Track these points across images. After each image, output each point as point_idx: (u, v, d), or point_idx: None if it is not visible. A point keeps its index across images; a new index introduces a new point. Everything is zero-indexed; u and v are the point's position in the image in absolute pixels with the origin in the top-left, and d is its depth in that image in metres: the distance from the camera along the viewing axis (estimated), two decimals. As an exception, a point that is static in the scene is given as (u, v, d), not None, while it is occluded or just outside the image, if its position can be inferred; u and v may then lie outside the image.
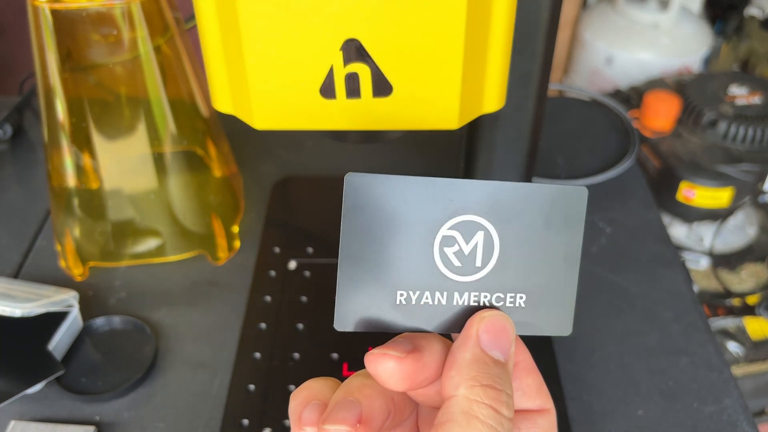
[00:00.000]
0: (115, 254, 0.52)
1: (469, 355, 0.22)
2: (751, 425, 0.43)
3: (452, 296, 0.23)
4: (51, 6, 0.42)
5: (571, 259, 0.24)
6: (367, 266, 0.22)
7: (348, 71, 0.29)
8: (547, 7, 0.35)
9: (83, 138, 0.47)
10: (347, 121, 0.31)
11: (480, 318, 0.22)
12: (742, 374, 0.96)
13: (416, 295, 0.23)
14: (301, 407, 0.23)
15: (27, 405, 0.44)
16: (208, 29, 0.31)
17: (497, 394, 0.21)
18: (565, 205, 0.23)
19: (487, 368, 0.21)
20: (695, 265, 1.05)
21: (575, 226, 0.23)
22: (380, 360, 0.21)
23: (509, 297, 0.23)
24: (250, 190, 0.61)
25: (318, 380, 0.24)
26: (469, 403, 0.21)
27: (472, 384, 0.21)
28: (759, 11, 1.28)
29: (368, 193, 0.22)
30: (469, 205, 0.22)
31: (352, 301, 0.22)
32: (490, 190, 0.22)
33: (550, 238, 0.23)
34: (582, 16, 1.31)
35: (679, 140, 0.98)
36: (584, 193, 0.23)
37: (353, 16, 0.28)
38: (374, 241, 0.22)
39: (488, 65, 0.32)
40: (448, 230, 0.23)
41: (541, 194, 0.23)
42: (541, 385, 0.24)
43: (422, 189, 0.22)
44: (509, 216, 0.23)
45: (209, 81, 0.33)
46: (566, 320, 0.24)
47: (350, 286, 0.22)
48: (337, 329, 0.23)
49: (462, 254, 0.23)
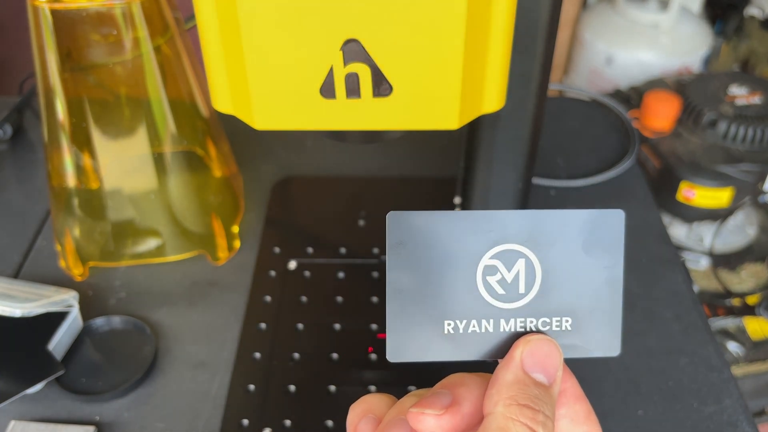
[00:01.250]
0: (115, 254, 0.52)
1: (511, 375, 0.22)
2: (751, 425, 0.43)
3: (498, 323, 0.24)
4: (51, 6, 0.42)
5: (613, 280, 0.24)
6: (413, 299, 0.23)
7: (348, 71, 0.29)
8: (547, 7, 0.35)
9: (83, 138, 0.47)
10: (347, 121, 0.31)
11: (525, 341, 0.23)
12: (742, 374, 0.96)
13: (463, 324, 0.24)
14: (358, 419, 0.24)
15: (27, 405, 0.44)
16: (208, 29, 0.31)
17: (534, 414, 0.21)
18: (602, 229, 0.24)
19: (526, 389, 0.22)
20: (695, 265, 1.05)
21: (615, 248, 0.24)
22: (419, 418, 0.22)
23: (555, 321, 0.24)
24: (250, 190, 0.61)
25: (376, 395, 0.25)
26: (505, 420, 0.21)
27: (509, 402, 0.22)
28: (759, 11, 1.28)
29: (409, 229, 0.23)
30: (508, 235, 0.23)
31: (403, 333, 0.23)
32: (527, 219, 0.23)
33: (590, 261, 0.24)
34: (582, 16, 1.31)
35: (679, 140, 0.98)
36: (621, 216, 0.24)
37: (353, 16, 0.28)
38: (419, 275, 0.23)
39: (488, 65, 0.32)
40: (490, 260, 0.23)
41: (578, 219, 0.24)
42: (589, 413, 0.25)
43: (461, 222, 0.23)
44: (548, 242, 0.23)
45: (209, 81, 0.33)
46: (614, 341, 0.25)
47: (399, 318, 0.23)
48: (390, 361, 0.24)
49: (505, 282, 0.24)
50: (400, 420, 0.23)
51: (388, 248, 0.23)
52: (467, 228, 0.23)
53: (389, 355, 0.23)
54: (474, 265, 0.23)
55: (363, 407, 0.25)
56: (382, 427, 0.23)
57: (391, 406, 0.24)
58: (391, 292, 0.23)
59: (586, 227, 0.24)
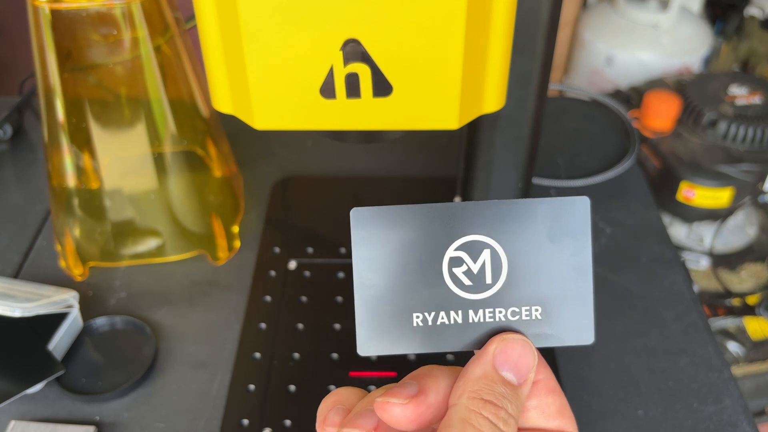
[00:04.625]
0: (115, 254, 0.52)
1: (480, 370, 0.23)
2: (751, 425, 0.43)
3: (467, 315, 0.24)
4: (51, 6, 0.42)
5: (582, 267, 0.24)
6: (381, 293, 0.23)
7: (348, 71, 0.29)
8: (547, 7, 0.35)
9: (83, 138, 0.47)
10: (347, 121, 0.31)
11: (501, 339, 0.23)
12: (742, 374, 0.96)
13: (432, 317, 0.24)
14: (328, 410, 0.25)
15: (27, 405, 0.44)
16: (208, 29, 0.31)
17: (496, 410, 0.22)
18: (567, 216, 0.23)
19: (492, 385, 0.22)
20: (695, 265, 1.05)
21: (582, 234, 0.24)
22: (385, 407, 0.23)
23: (524, 310, 0.24)
24: (250, 190, 0.61)
25: (347, 389, 0.26)
26: (468, 412, 0.22)
27: (473, 396, 0.22)
28: (759, 11, 1.28)
29: (373, 225, 0.23)
30: (473, 226, 0.23)
31: (371, 327, 0.24)
32: (489, 210, 0.23)
33: (557, 249, 0.24)
34: (582, 16, 1.31)
35: (679, 140, 0.98)
36: (586, 202, 0.23)
37: (353, 16, 0.28)
38: (385, 269, 0.23)
39: (488, 65, 0.32)
40: (455, 251, 0.23)
41: (542, 208, 0.23)
42: (563, 407, 0.25)
43: (425, 215, 0.23)
44: (513, 232, 0.23)
45: (209, 81, 0.33)
46: (587, 328, 0.24)
47: (367, 312, 0.24)
48: (360, 354, 0.24)
49: (471, 273, 0.24)
50: (368, 410, 0.23)
51: (353, 244, 0.23)
52: (431, 221, 0.23)
53: (359, 348, 0.24)
54: (440, 257, 0.23)
55: (333, 399, 0.25)
56: (350, 417, 0.23)
57: (361, 398, 0.25)
58: (358, 287, 0.23)
59: (550, 215, 0.23)
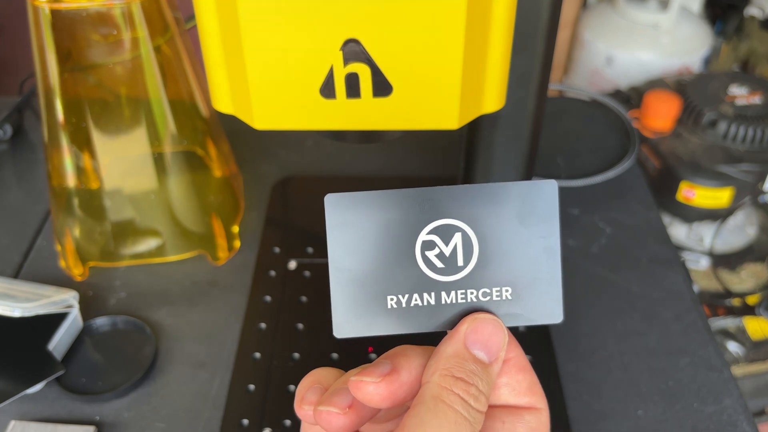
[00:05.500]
0: (115, 254, 0.52)
1: (451, 349, 0.23)
2: (751, 425, 0.43)
3: (440, 296, 0.24)
4: (51, 6, 0.42)
5: (550, 249, 0.24)
6: (355, 276, 0.24)
7: (348, 71, 0.29)
8: (547, 7, 0.35)
9: (83, 138, 0.47)
10: (347, 121, 0.31)
11: (472, 318, 0.24)
12: (742, 374, 0.96)
13: (405, 299, 0.24)
14: (306, 389, 0.25)
15: (27, 405, 0.44)
16: (208, 29, 0.31)
17: (467, 387, 0.22)
18: (536, 199, 0.24)
19: (464, 363, 0.23)
20: (695, 265, 1.05)
21: (550, 217, 0.24)
22: (359, 386, 0.23)
23: (495, 291, 0.25)
24: (250, 190, 0.61)
25: (325, 369, 0.26)
26: (439, 389, 0.22)
27: (445, 373, 0.23)
28: (759, 11, 1.28)
29: (347, 210, 0.24)
30: (443, 210, 0.24)
31: (347, 310, 0.24)
32: (459, 194, 0.24)
33: (526, 232, 0.24)
34: (582, 16, 1.31)
35: (679, 140, 0.98)
36: (554, 186, 0.24)
37: (353, 16, 0.28)
38: (359, 253, 0.24)
39: (488, 65, 0.32)
40: (428, 235, 0.24)
41: (511, 192, 0.24)
42: (533, 384, 0.25)
43: (397, 200, 0.24)
44: (482, 216, 0.24)
45: (209, 81, 0.33)
46: (555, 308, 0.25)
47: (343, 296, 0.24)
48: (336, 337, 0.24)
49: (443, 256, 0.24)
50: (343, 389, 0.24)
51: (328, 229, 0.24)
52: (404, 206, 0.24)
53: (335, 331, 0.24)
54: (412, 241, 0.24)
55: (311, 379, 0.26)
56: (326, 395, 0.24)
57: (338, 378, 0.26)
58: (333, 271, 0.24)
59: (519, 199, 0.24)
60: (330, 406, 0.24)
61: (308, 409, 0.25)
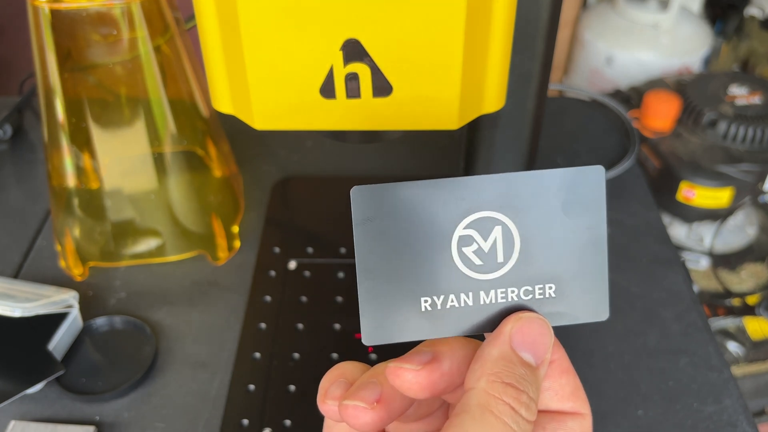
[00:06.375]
0: (115, 254, 0.52)
1: (497, 351, 0.21)
2: (751, 425, 0.43)
3: (478, 296, 0.22)
4: (51, 6, 0.42)
5: (597, 241, 0.22)
6: (386, 278, 0.22)
7: (348, 71, 0.29)
8: (547, 7, 0.35)
9: (83, 138, 0.47)
10: (347, 121, 0.31)
11: (516, 318, 0.22)
12: (742, 374, 0.96)
13: (441, 300, 0.22)
14: (329, 383, 0.24)
15: (27, 405, 0.44)
16: (208, 29, 0.31)
17: (517, 394, 0.21)
18: (581, 187, 0.22)
19: (512, 367, 0.21)
20: (695, 265, 1.05)
21: (596, 206, 0.22)
22: (397, 373, 0.22)
23: (538, 289, 0.23)
24: (250, 190, 0.61)
25: (351, 363, 0.25)
26: (487, 396, 0.20)
27: (493, 379, 0.21)
28: (759, 11, 1.28)
29: (376, 204, 0.22)
30: (481, 202, 0.22)
31: (377, 315, 0.22)
32: (501, 183, 0.22)
33: (571, 222, 0.22)
34: (582, 16, 1.31)
35: (679, 140, 0.98)
36: (601, 171, 0.22)
37: (353, 16, 0.28)
38: (390, 252, 0.22)
39: (488, 65, 0.32)
40: (464, 230, 0.22)
41: (555, 179, 0.22)
42: (577, 388, 0.24)
43: (431, 192, 0.22)
44: (524, 206, 0.22)
45: (209, 81, 0.33)
46: (601, 304, 0.23)
47: (372, 299, 0.22)
48: (366, 344, 0.22)
49: (482, 252, 0.22)
50: (371, 383, 0.22)
51: (355, 226, 0.22)
52: (438, 198, 0.22)
53: (365, 338, 0.22)
54: (448, 236, 0.22)
55: (336, 373, 0.24)
56: (353, 389, 0.23)
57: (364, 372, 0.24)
58: (361, 272, 0.22)
59: (564, 187, 0.22)
60: (356, 401, 0.22)
61: (332, 404, 0.23)
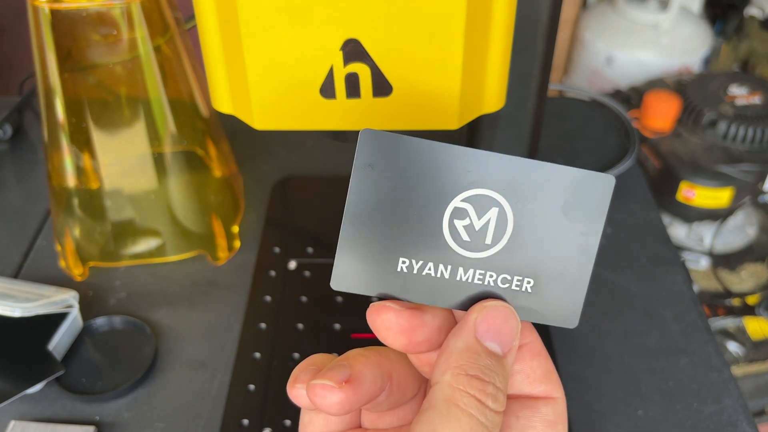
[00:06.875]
0: (115, 254, 0.52)
1: (462, 343, 0.21)
2: (751, 425, 0.43)
3: (456, 271, 0.22)
4: (51, 6, 0.42)
5: (587, 250, 0.22)
6: (371, 228, 0.22)
7: (348, 71, 0.29)
8: (547, 7, 0.35)
9: (83, 138, 0.47)
10: (347, 121, 0.31)
11: (481, 307, 0.22)
12: (742, 374, 0.96)
13: (419, 265, 0.22)
14: (300, 371, 0.23)
15: (27, 405, 0.44)
16: (208, 29, 0.31)
17: (483, 386, 0.20)
18: (588, 192, 0.22)
19: (477, 358, 0.21)
20: (695, 265, 1.05)
21: (597, 216, 0.22)
22: (380, 311, 0.22)
23: (516, 280, 0.22)
24: (250, 190, 0.61)
25: (321, 354, 0.25)
26: (452, 390, 0.20)
27: (457, 372, 0.21)
28: (759, 11, 1.28)
29: (382, 153, 0.21)
30: (487, 179, 0.21)
31: (352, 262, 0.22)
32: (511, 166, 0.21)
33: (567, 224, 0.22)
34: (582, 16, 1.31)
35: (679, 140, 0.98)
36: (611, 181, 0.22)
37: (353, 16, 0.28)
38: (382, 203, 0.22)
39: (488, 65, 0.32)
40: (461, 202, 0.22)
41: (565, 176, 0.22)
42: (549, 371, 0.23)
43: (439, 155, 0.21)
44: (527, 195, 0.22)
45: (209, 81, 0.33)
46: (573, 313, 0.23)
47: (352, 245, 0.22)
48: (333, 288, 0.22)
49: (472, 229, 0.22)
50: (340, 365, 0.22)
51: (355, 168, 0.21)
52: (445, 162, 0.21)
53: (333, 282, 0.22)
54: (444, 204, 0.21)
55: (307, 362, 0.24)
56: (322, 371, 0.22)
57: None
58: (348, 216, 0.21)
59: (571, 187, 0.22)
60: (324, 379, 0.22)
61: (301, 387, 0.23)
